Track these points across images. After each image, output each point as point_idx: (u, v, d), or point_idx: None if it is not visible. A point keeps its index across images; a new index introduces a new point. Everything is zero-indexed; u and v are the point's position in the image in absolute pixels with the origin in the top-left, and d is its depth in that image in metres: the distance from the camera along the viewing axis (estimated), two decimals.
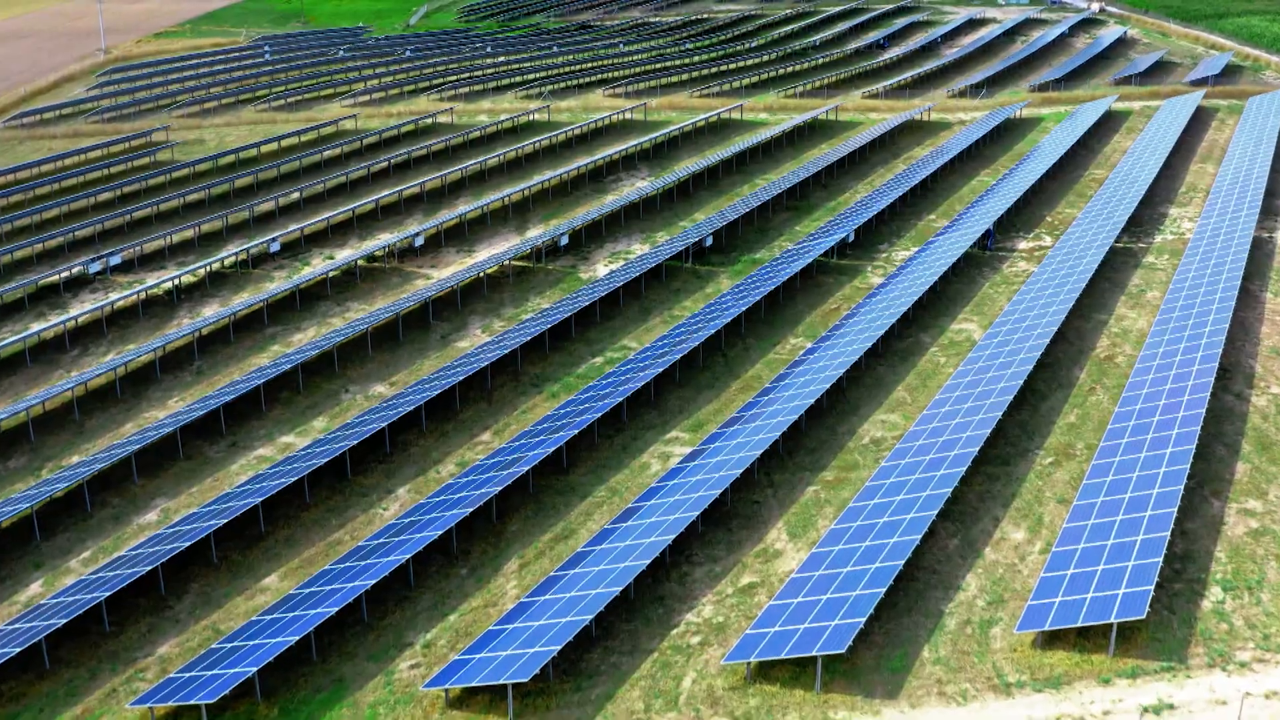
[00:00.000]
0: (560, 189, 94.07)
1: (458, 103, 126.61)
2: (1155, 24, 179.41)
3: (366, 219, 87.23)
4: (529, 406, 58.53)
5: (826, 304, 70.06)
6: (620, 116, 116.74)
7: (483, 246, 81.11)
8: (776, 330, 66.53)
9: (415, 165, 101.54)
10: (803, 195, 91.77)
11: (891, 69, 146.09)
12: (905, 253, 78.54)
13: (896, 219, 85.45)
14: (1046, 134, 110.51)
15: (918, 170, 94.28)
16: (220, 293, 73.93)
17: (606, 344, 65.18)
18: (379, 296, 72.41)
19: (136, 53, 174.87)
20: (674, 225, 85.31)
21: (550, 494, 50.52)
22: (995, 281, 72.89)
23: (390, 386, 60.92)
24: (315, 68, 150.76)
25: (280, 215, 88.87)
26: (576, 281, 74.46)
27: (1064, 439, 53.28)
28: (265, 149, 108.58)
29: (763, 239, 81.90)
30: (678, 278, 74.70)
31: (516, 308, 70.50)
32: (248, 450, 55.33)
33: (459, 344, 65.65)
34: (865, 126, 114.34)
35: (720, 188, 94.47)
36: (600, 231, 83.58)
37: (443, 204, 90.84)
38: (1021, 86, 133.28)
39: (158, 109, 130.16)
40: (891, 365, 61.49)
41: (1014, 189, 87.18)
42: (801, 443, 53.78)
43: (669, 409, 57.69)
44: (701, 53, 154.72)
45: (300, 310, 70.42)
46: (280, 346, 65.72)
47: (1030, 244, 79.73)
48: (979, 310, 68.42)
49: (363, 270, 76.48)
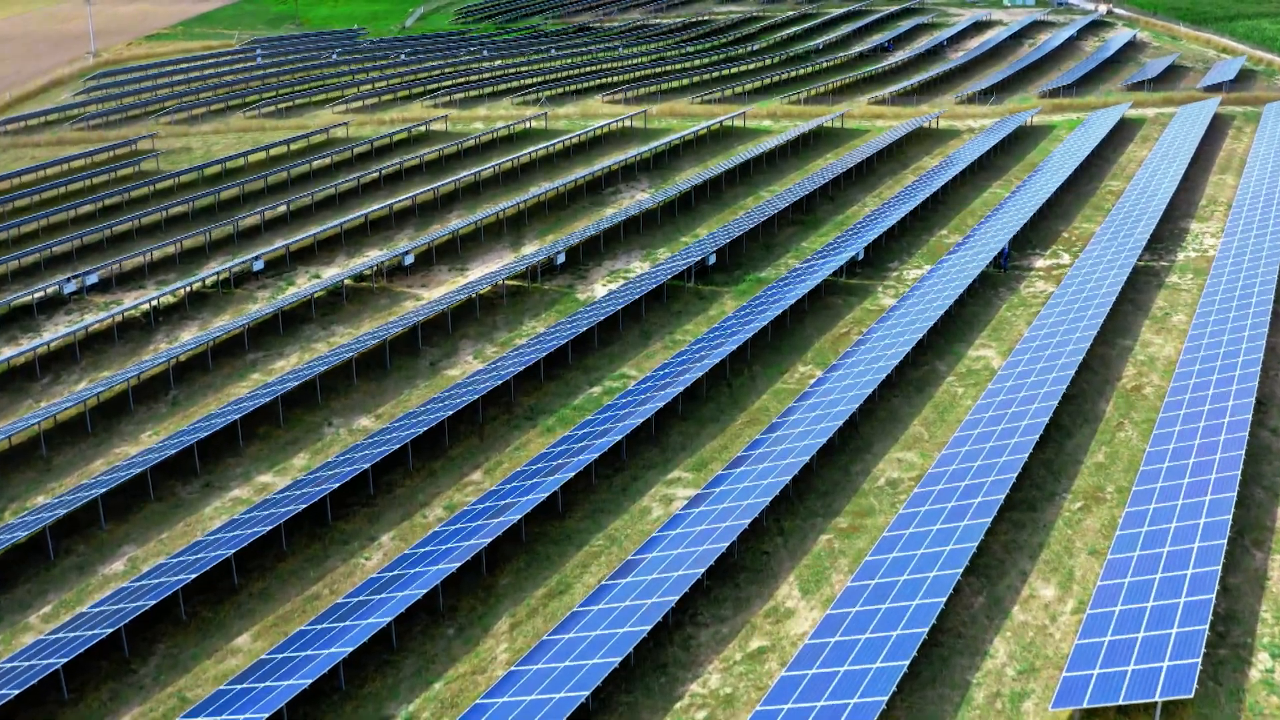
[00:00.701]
0: (557, 202, 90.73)
1: (452, 109, 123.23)
2: (1164, 26, 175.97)
3: (355, 234, 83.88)
4: (522, 442, 55.21)
5: (836, 328, 66.72)
6: (619, 124, 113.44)
7: (476, 264, 77.77)
8: (784, 356, 63.21)
9: (407, 176, 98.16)
10: (809, 209, 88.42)
11: (897, 73, 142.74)
12: (917, 271, 75.21)
13: (907, 235, 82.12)
14: (1059, 143, 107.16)
15: (928, 182, 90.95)
16: (200, 314, 70.58)
17: (605, 372, 61.86)
18: (366, 319, 69.07)
19: (127, 56, 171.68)
20: (675, 240, 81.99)
21: (544, 543, 47.20)
22: (1012, 303, 69.56)
23: (376, 419, 57.59)
24: (307, 71, 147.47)
25: (266, 230, 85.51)
26: (573, 303, 71.15)
27: (1093, 481, 49.96)
28: (253, 158, 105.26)
29: (768, 256, 78.57)
30: (679, 298, 71.38)
31: (510, 331, 67.18)
32: (223, 491, 52.01)
33: (449, 372, 62.31)
34: (872, 134, 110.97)
35: (723, 200, 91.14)
36: (598, 248, 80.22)
37: (435, 218, 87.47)
38: (1031, 92, 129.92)
39: (145, 115, 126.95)
40: (906, 397, 58.16)
41: (1028, 203, 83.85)
42: (812, 484, 50.47)
43: (671, 445, 54.37)
44: (702, 56, 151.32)
45: (283, 335, 67.07)
46: (261, 375, 62.38)
47: (1047, 262, 76.41)
48: (996, 335, 65.10)
49: (350, 290, 73.13)
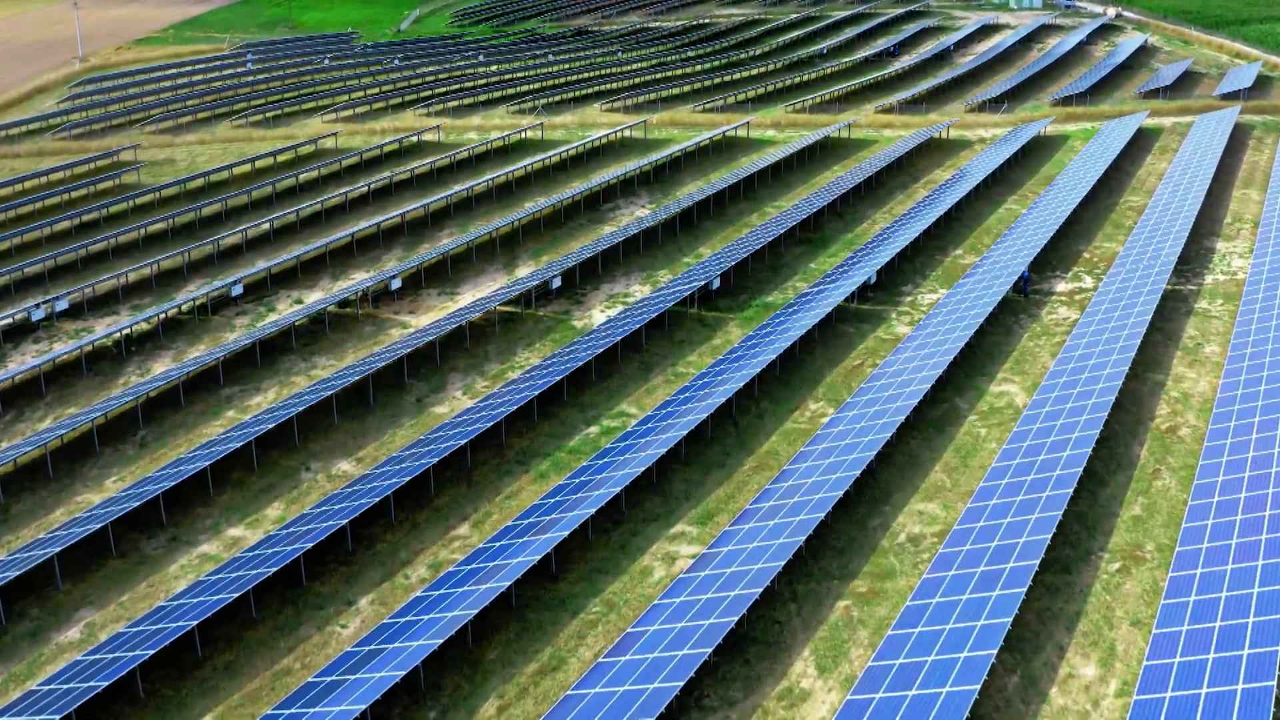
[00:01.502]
0: (553, 219, 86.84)
1: (445, 118, 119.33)
2: (1175, 30, 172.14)
3: (341, 255, 79.96)
4: (514, 490, 51.36)
5: (848, 359, 62.86)
6: (618, 135, 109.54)
7: (467, 287, 73.88)
8: (793, 391, 59.37)
9: (397, 191, 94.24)
10: (817, 226, 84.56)
11: (903, 79, 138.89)
12: (932, 295, 71.35)
13: (920, 255, 78.25)
14: (1074, 154, 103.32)
15: (940, 197, 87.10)
16: (175, 343, 66.70)
17: (602, 410, 58.01)
18: (350, 349, 65.19)
19: (115, 61, 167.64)
20: (677, 261, 78.12)
21: (536, 608, 43.37)
22: (1035, 332, 65.70)
23: (357, 463, 53.73)
24: (299, 78, 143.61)
25: (247, 250, 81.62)
26: (570, 330, 67.29)
27: (1131, 538, 46.15)
28: (237, 171, 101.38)
29: (775, 279, 74.72)
30: (682, 326, 67.53)
31: (502, 363, 63.33)
32: (190, 546, 48.17)
33: (436, 409, 58.46)
34: (880, 145, 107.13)
35: (727, 216, 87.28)
36: (596, 270, 76.33)
37: (425, 236, 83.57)
38: (1042, 100, 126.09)
39: (130, 124, 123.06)
40: (926, 438, 54.31)
41: (1046, 221, 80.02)
42: (827, 540, 46.64)
43: (673, 494, 50.54)
44: (704, 61, 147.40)
45: (260, 367, 63.19)
46: (236, 412, 58.51)
47: (1069, 285, 72.54)
48: (1020, 368, 61.25)
49: (333, 318, 69.24)
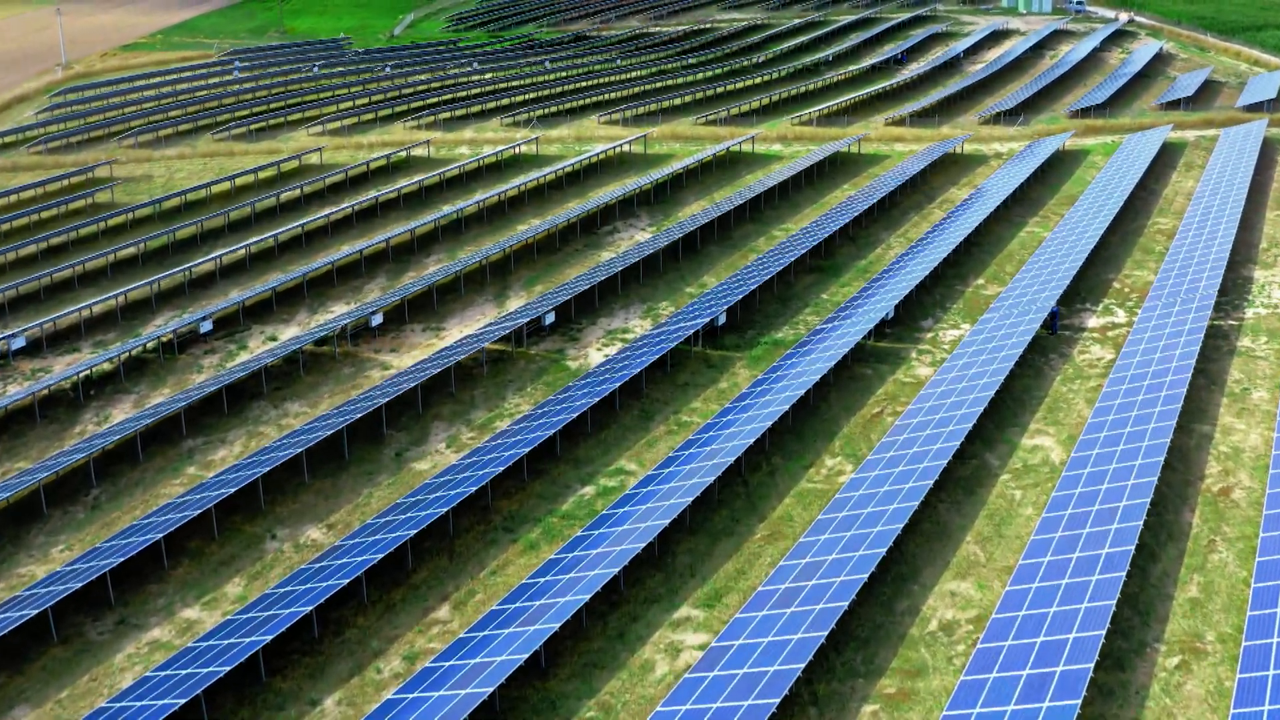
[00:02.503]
0: (548, 244, 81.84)
1: (436, 131, 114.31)
2: (1190, 36, 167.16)
3: (320, 284, 74.90)
4: (500, 563, 46.40)
5: (866, 407, 57.90)
6: (617, 150, 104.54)
7: (454, 322, 68.86)
8: (807, 445, 54.40)
9: (383, 212, 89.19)
10: (828, 251, 79.57)
11: (913, 88, 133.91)
12: (955, 332, 66.38)
13: (940, 285, 73.26)
14: (1095, 171, 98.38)
15: (957, 220, 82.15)
16: (137, 387, 61.69)
17: (598, 466, 53.03)
18: (325, 394, 60.19)
19: (99, 69, 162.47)
20: (679, 291, 73.14)
21: (524, 710, 38.39)
22: (1067, 374, 60.73)
23: (327, 531, 48.75)
24: (286, 86, 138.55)
25: (221, 278, 76.56)
26: (564, 372, 62.33)
27: (1188, 625, 41.22)
28: (216, 189, 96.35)
29: (784, 312, 69.73)
30: (685, 367, 62.56)
31: (490, 410, 58.35)
32: (140, 630, 43.22)
33: (417, 465, 53.48)
34: (892, 161, 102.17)
35: (732, 240, 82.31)
36: (593, 302, 71.32)
37: (411, 263, 78.54)
38: (1058, 111, 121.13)
39: (108, 136, 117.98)
40: (955, 502, 49.35)
41: (1073, 249, 75.08)
42: (850, 627, 41.70)
43: (677, 568, 45.59)
44: (705, 69, 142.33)
45: (228, 415, 58.18)
46: (197, 468, 53.52)
47: (1100, 320, 67.58)
48: (1054, 417, 56.27)
49: (308, 357, 64.22)
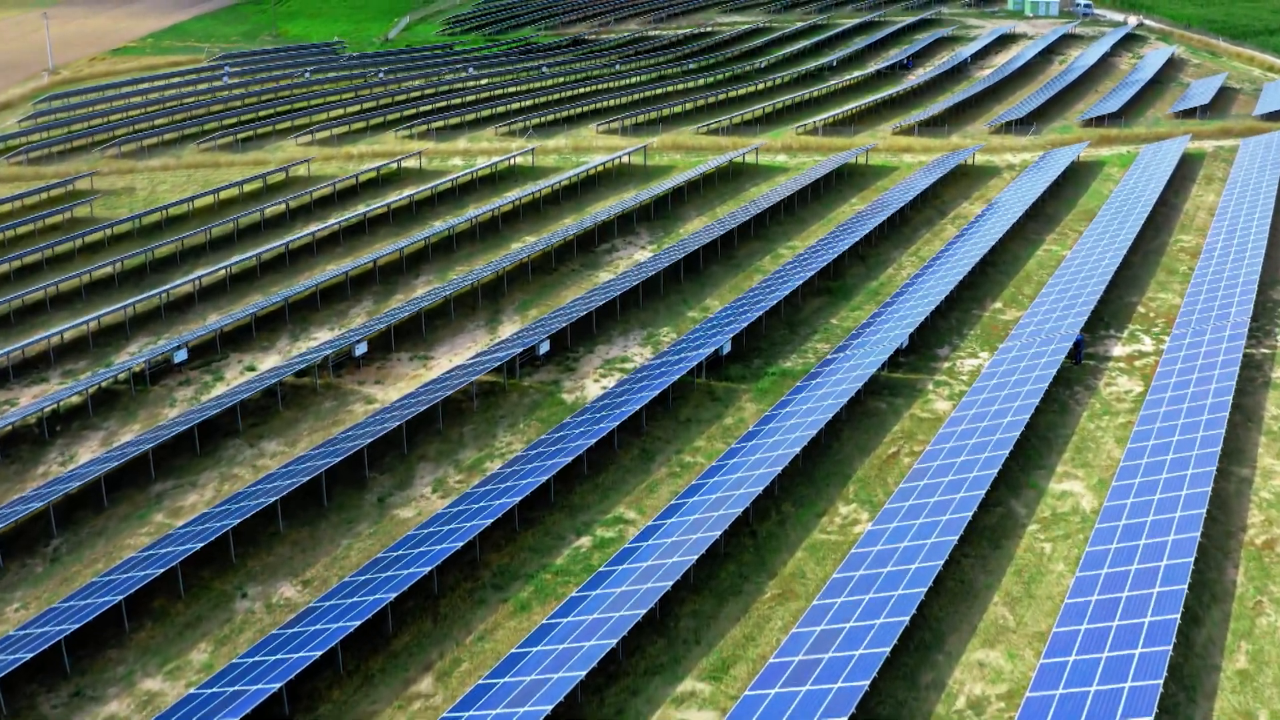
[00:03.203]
0: (543, 264, 78.11)
1: (429, 141, 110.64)
2: (1202, 41, 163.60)
3: (303, 308, 71.21)
4: (489, 627, 42.74)
5: (882, 446, 54.22)
6: (616, 161, 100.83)
7: (443, 350, 65.18)
8: (820, 489, 50.75)
9: (371, 229, 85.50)
10: (837, 272, 75.88)
11: (920, 95, 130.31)
12: (973, 361, 62.72)
13: (956, 309, 69.59)
14: (1113, 184, 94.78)
15: (972, 237, 78.53)
16: (106, 422, 58.00)
17: (595, 514, 49.38)
18: (304, 431, 56.52)
19: (87, 74, 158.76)
20: (681, 315, 69.48)
21: None
22: (1094, 409, 57.06)
23: (303, 589, 45.08)
24: (276, 93, 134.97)
25: (199, 301, 72.87)
26: (559, 406, 58.66)
27: (1239, 702, 37.59)
28: (199, 204, 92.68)
29: (792, 338, 66.08)
30: (688, 401, 58.89)
31: (480, 450, 54.67)
32: (96, 703, 39.57)
33: (401, 512, 49.82)
34: (901, 172, 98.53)
35: (736, 259, 78.64)
36: (590, 328, 67.66)
37: (399, 284, 74.84)
38: (1070, 119, 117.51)
39: (92, 145, 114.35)
40: (980, 556, 45.72)
41: (1094, 270, 71.45)
42: (871, 706, 38.04)
43: (680, 633, 41.94)
44: (706, 75, 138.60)
45: (200, 455, 54.49)
46: (165, 516, 49.85)
47: (1126, 348, 63.93)
48: (1082, 458, 52.60)
49: (288, 390, 60.53)
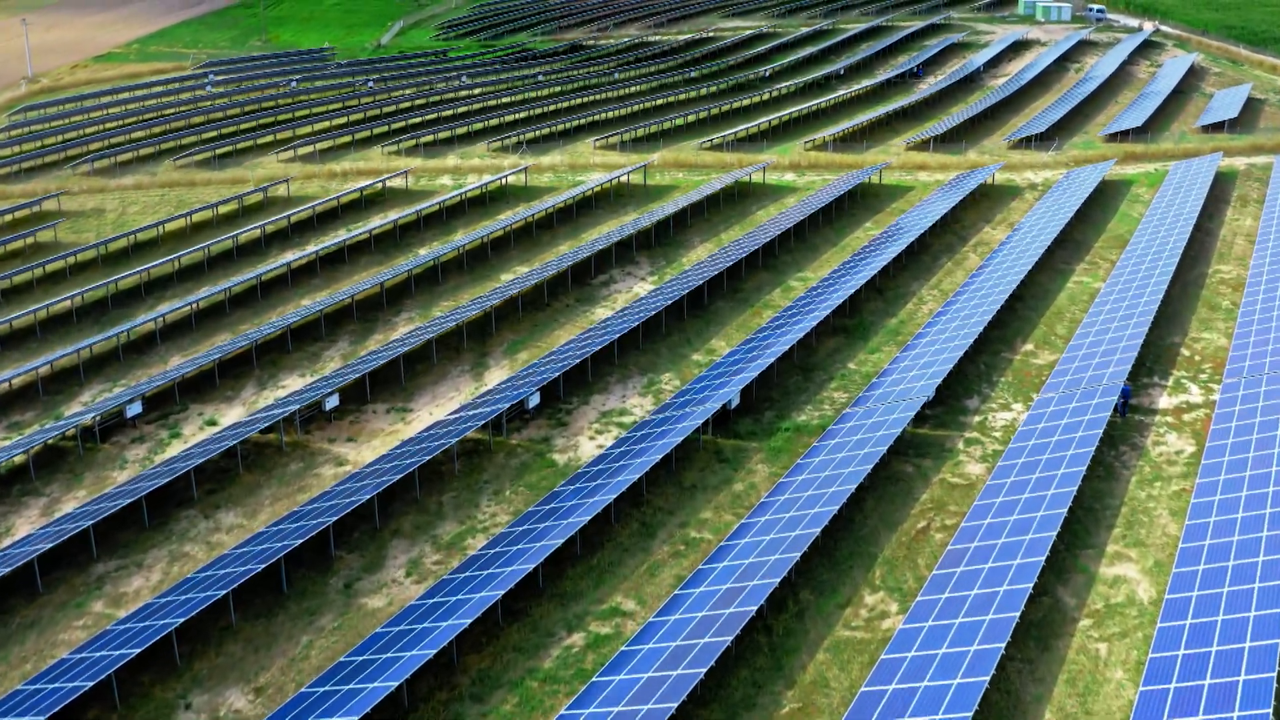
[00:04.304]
0: (535, 298, 72.34)
1: (416, 158, 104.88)
2: (1221, 48, 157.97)
3: (272, 350, 65.46)
4: None
5: (910, 520, 48.53)
6: (614, 181, 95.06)
7: (423, 400, 59.47)
8: (841, 573, 45.05)
9: (351, 257, 79.72)
10: (853, 308, 70.16)
11: (932, 106, 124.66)
12: (1006, 415, 57.02)
13: (984, 351, 63.89)
14: (1142, 206, 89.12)
15: (996, 268, 72.85)
16: (49, 488, 52.30)
17: (589, 604, 43.70)
18: (265, 500, 50.79)
19: (67, 82, 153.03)
20: (685, 359, 63.80)
21: None
22: (1144, 475, 51.34)
23: (254, 698, 39.38)
24: (260, 104, 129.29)
25: (162, 341, 67.14)
26: (550, 469, 52.96)
27: None
28: (170, 227, 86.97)
29: (806, 386, 60.40)
30: (693, 463, 53.19)
31: (461, 523, 48.96)
32: None
33: (370, 601, 44.14)
34: (916, 193, 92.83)
35: (743, 294, 72.93)
36: (585, 375, 61.94)
37: (378, 322, 69.12)
38: (1092, 133, 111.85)
39: (64, 161, 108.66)
40: (1027, 660, 40.03)
41: (1133, 307, 65.79)
42: None
43: None
44: (709, 84, 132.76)
45: (149, 529, 48.77)
46: (106, 604, 44.17)
47: (1173, 399, 58.24)
48: (1134, 535, 46.91)
49: (249, 451, 54.79)
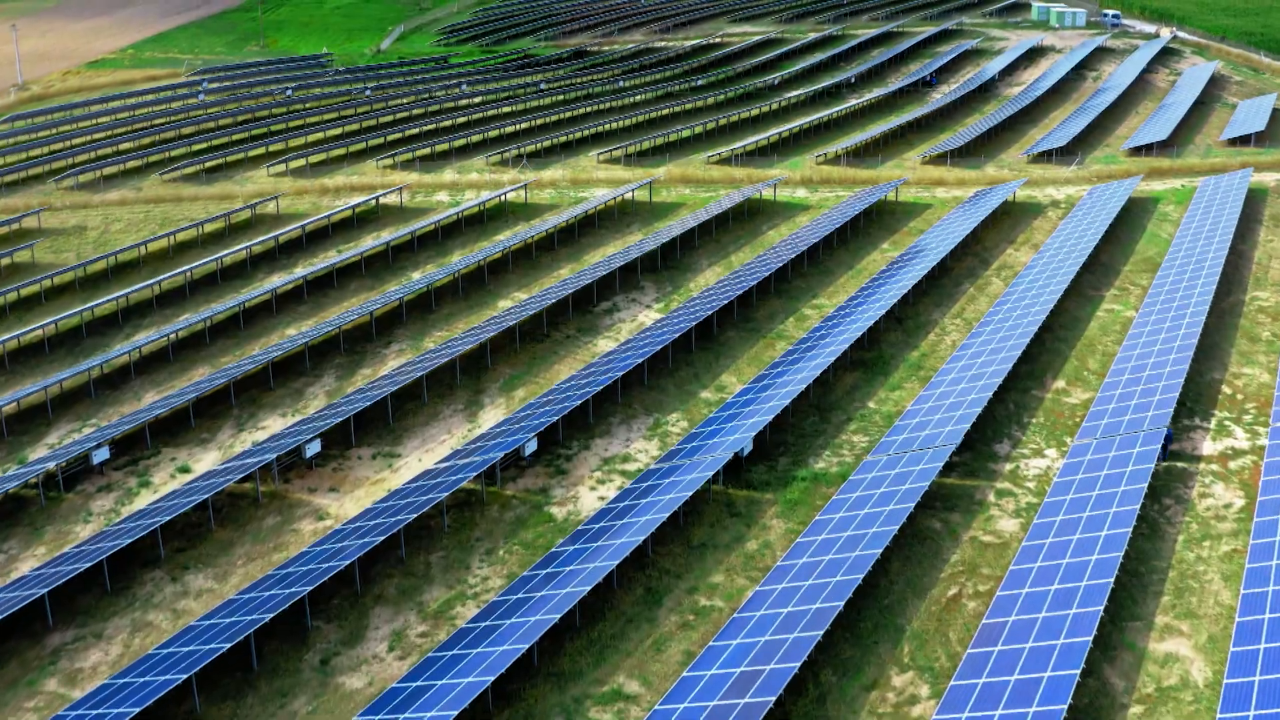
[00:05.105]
0: (533, 329, 68.30)
1: (412, 172, 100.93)
2: (1241, 55, 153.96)
3: (252, 386, 61.41)
4: None
5: (939, 585, 44.49)
6: (618, 198, 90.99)
7: (412, 444, 55.44)
8: (866, 650, 41.03)
9: (340, 282, 75.68)
10: (872, 340, 66.12)
11: (946, 116, 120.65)
12: (1039, 461, 52.96)
13: (1013, 388, 59.81)
14: (1171, 225, 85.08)
15: (1023, 296, 68.83)
16: (7, 544, 48.16)
17: (589, 685, 39.68)
18: (239, 560, 46.81)
19: (59, 89, 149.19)
20: (693, 397, 59.78)
21: None
22: (1191, 533, 47.27)
23: None
24: (254, 113, 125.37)
25: (136, 375, 63.16)
26: (547, 524, 48.95)
27: None
28: (153, 247, 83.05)
29: (823, 428, 56.37)
30: (703, 518, 49.17)
31: (450, 588, 44.96)
32: None
33: (348, 680, 40.13)
34: (934, 211, 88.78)
35: (754, 323, 68.91)
36: (587, 416, 57.91)
37: (366, 355, 65.13)
38: (1114, 145, 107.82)
39: (49, 175, 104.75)
40: None
41: (1170, 341, 61.75)
42: None
43: None
44: (715, 92, 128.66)
45: (111, 593, 44.79)
46: (60, 684, 40.16)
47: (1217, 444, 54.17)
48: (1185, 605, 42.87)
49: (223, 503, 50.81)
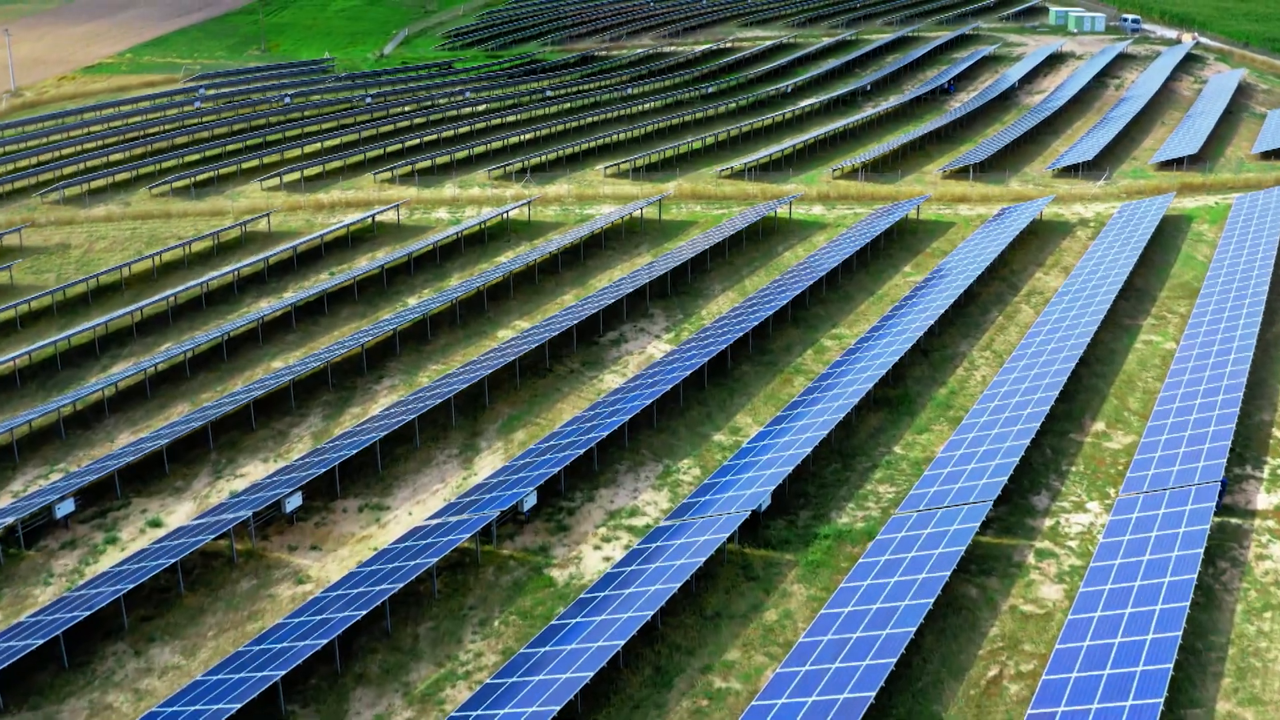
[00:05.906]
0: (535, 363, 64.13)
1: (411, 187, 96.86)
2: (1266, 63, 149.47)
3: (233, 428, 57.29)
4: None
5: (978, 664, 40.31)
6: (626, 216, 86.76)
7: (403, 495, 51.32)
8: None
9: (331, 308, 71.57)
10: (897, 376, 61.91)
11: (966, 126, 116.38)
12: (1081, 517, 48.73)
13: (1049, 430, 55.49)
14: (1207, 246, 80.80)
15: (1058, 327, 64.62)
16: None
17: None
18: (209, 631, 42.72)
19: (53, 95, 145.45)
20: (706, 441, 55.60)
21: None
22: (1250, 602, 43.02)
23: None
24: (249, 123, 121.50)
25: (110, 413, 59.13)
26: (547, 589, 44.81)
27: None
28: (137, 268, 79.08)
29: (847, 477, 52.17)
30: (717, 582, 45.04)
31: (439, 666, 40.86)
32: None
33: None
34: (958, 230, 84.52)
35: (771, 355, 64.73)
36: (591, 464, 53.72)
37: (355, 392, 61.00)
38: (1142, 159, 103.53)
39: (35, 187, 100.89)
40: None
41: (1217, 379, 57.49)
42: None
43: None
44: (727, 100, 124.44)
45: (69, 670, 40.73)
46: None
47: (1272, 497, 49.89)
48: (1248, 688, 38.64)
49: (195, 564, 46.72)
